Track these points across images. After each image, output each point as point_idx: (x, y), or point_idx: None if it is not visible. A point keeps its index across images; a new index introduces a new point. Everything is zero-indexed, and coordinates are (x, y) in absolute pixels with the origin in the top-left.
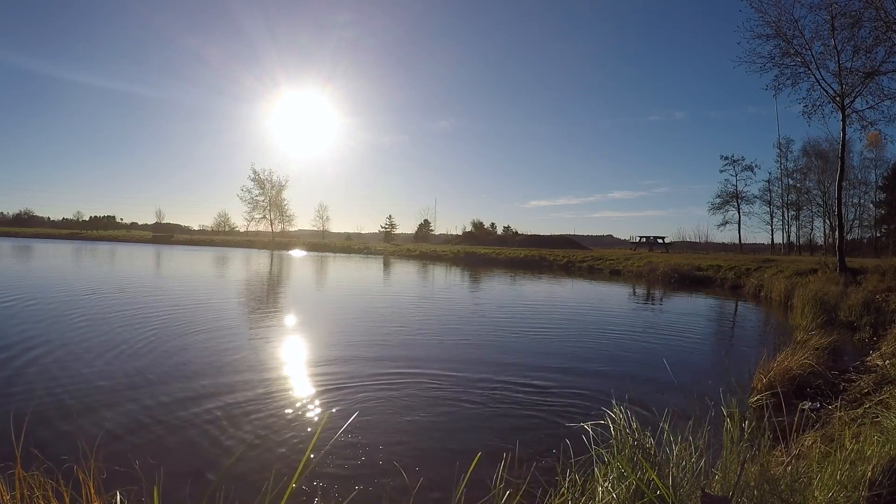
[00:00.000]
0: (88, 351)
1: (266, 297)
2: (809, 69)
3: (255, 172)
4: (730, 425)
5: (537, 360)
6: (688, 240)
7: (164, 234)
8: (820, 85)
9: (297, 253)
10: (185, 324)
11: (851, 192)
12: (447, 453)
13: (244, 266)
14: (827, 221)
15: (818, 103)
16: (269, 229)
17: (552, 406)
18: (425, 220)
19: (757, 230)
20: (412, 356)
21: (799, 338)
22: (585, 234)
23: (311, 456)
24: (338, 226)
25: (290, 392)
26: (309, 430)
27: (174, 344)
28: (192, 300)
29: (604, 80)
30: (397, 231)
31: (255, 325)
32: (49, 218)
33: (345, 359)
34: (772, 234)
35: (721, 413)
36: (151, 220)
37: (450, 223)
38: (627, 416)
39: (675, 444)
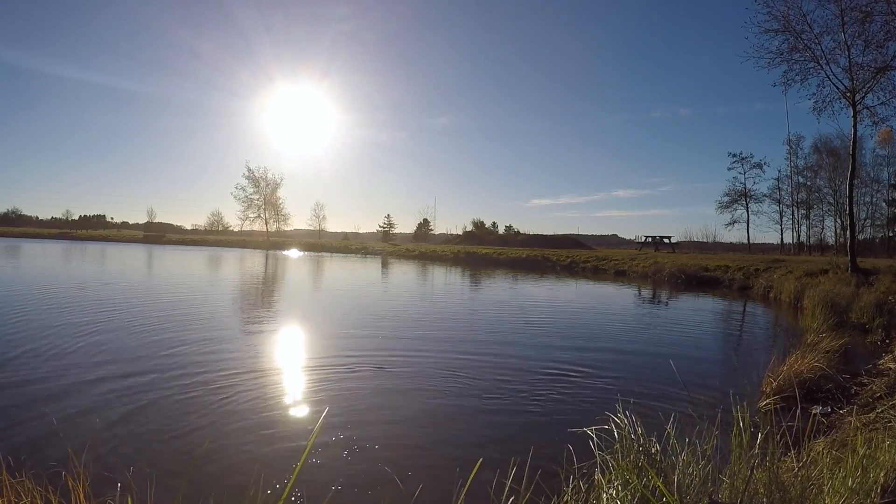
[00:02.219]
0: (76, 353)
1: (258, 298)
2: (819, 64)
3: (249, 170)
4: (738, 430)
5: (539, 363)
6: (695, 239)
7: (156, 234)
8: (830, 80)
9: (293, 253)
10: (175, 325)
11: (863, 190)
12: (446, 459)
13: (237, 267)
14: (838, 220)
15: (828, 99)
16: (264, 229)
17: (555, 410)
18: (424, 220)
19: (766, 230)
20: (409, 359)
21: (809, 340)
22: (589, 234)
23: (305, 462)
24: (335, 225)
25: (282, 394)
26: (302, 433)
27: (164, 346)
28: (185, 302)
29: (607, 75)
30: (396, 231)
31: (246, 327)
32: (37, 217)
33: (339, 362)
34: (781, 234)
35: (729, 418)
36: (143, 220)
37: (450, 222)
38: (632, 421)
39: (682, 450)
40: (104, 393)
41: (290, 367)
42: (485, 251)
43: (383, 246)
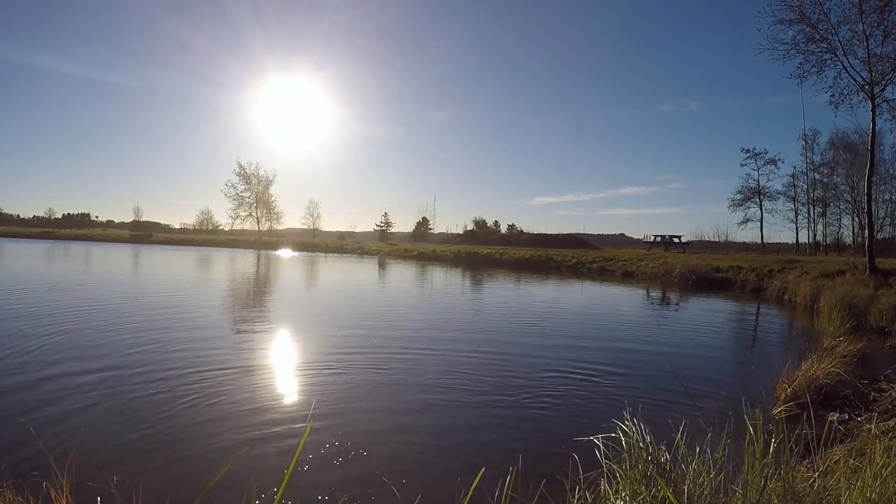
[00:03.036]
0: (55, 357)
1: (249, 300)
2: (836, 55)
3: (240, 166)
4: (751, 438)
5: (543, 367)
6: (706, 239)
7: (143, 233)
8: (847, 72)
9: (286, 253)
10: (160, 328)
11: (882, 187)
12: (446, 467)
13: (227, 267)
14: (856, 219)
15: (846, 92)
16: (256, 228)
17: (559, 416)
18: (423, 218)
19: (781, 229)
20: (407, 363)
21: (825, 344)
22: (595, 233)
23: (295, 470)
24: (329, 224)
25: (272, 399)
26: (293, 440)
27: (148, 349)
28: (171, 304)
29: (614, 67)
30: (393, 230)
31: (234, 330)
32: (18, 216)
33: (332, 365)
34: (796, 233)
35: (742, 425)
36: (129, 218)
37: (450, 221)
38: (641, 429)
39: (692, 459)
40: (84, 399)
41: (281, 372)
42: (486, 251)
43: (380, 246)
